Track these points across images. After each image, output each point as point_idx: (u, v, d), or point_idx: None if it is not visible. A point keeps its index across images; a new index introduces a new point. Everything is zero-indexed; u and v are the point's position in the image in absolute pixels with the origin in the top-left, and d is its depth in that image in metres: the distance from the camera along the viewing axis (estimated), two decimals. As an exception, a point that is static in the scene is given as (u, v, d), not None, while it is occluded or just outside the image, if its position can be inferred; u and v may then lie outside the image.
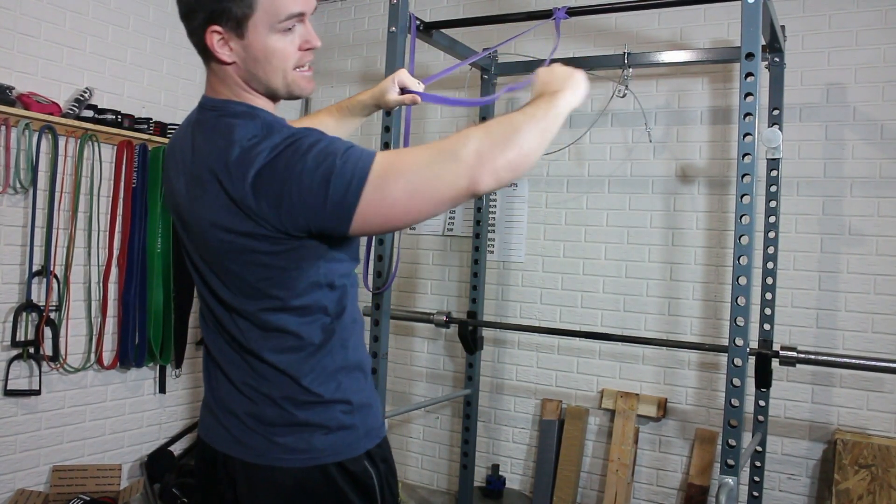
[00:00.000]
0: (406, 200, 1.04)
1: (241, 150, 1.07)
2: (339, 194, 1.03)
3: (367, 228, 1.06)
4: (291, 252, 1.10)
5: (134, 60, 3.16)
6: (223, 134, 1.12)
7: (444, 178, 1.03)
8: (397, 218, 1.06)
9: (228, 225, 1.09)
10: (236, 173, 1.06)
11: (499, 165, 1.04)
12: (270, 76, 1.15)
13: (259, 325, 1.16)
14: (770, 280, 2.67)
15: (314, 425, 1.18)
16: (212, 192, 1.10)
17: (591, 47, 3.23)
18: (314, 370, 1.18)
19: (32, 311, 2.78)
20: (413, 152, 1.08)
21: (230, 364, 1.21)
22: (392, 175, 1.03)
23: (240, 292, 1.15)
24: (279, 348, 1.17)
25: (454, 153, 1.04)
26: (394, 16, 2.43)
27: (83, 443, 3.02)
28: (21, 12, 2.75)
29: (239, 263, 1.12)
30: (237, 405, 1.21)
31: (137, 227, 3.06)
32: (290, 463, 1.16)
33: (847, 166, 2.77)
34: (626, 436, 3.03)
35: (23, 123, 2.69)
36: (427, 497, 3.48)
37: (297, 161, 1.04)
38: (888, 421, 2.67)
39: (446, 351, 3.55)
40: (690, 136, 3.04)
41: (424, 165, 1.05)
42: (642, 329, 3.09)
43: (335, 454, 1.18)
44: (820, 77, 2.81)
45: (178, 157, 1.22)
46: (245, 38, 1.12)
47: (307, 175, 1.03)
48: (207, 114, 1.18)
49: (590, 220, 3.22)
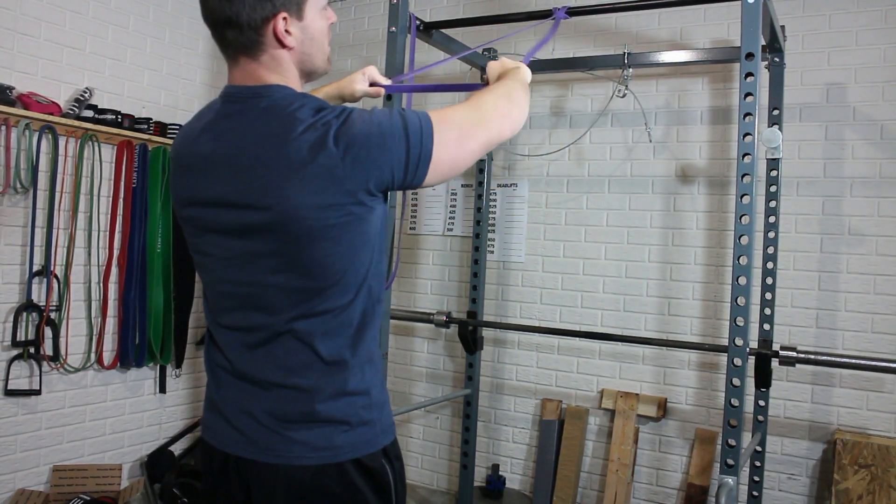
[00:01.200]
0: (461, 144, 1.19)
1: (313, 123, 1.11)
2: (416, 140, 1.13)
3: (437, 173, 1.17)
4: (362, 222, 1.14)
5: (134, 60, 3.16)
6: (285, 115, 1.13)
7: (483, 125, 1.23)
8: (459, 159, 1.19)
9: (322, 201, 1.09)
10: (316, 146, 1.09)
11: (514, 118, 1.29)
12: (318, 55, 1.24)
13: (311, 309, 1.15)
14: (770, 280, 2.67)
15: (336, 421, 1.17)
16: (285, 173, 1.09)
17: (591, 47, 3.23)
18: (353, 356, 1.19)
19: (33, 311, 2.78)
20: (451, 109, 1.23)
21: (251, 360, 1.19)
22: (445, 123, 1.18)
23: (303, 273, 1.14)
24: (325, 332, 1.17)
25: (482, 109, 1.25)
26: (394, 16, 2.43)
27: (83, 443, 3.02)
28: (21, 12, 2.75)
29: (325, 240, 1.12)
30: (252, 403, 1.19)
31: (137, 227, 3.07)
32: (313, 461, 1.16)
33: (847, 166, 2.77)
34: (626, 436, 3.03)
35: (23, 123, 2.69)
36: (427, 497, 3.48)
37: (370, 120, 1.12)
38: (888, 421, 2.67)
39: (446, 351, 3.55)
40: (690, 136, 3.04)
41: (465, 117, 1.22)
42: (642, 329, 3.09)
43: (354, 451, 1.18)
44: (820, 77, 2.81)
45: (207, 158, 1.19)
46: (304, 19, 1.19)
47: (385, 128, 1.12)
48: (253, 101, 1.17)
49: (590, 220, 3.22)
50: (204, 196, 1.19)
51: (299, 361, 1.16)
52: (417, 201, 3.61)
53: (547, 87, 3.34)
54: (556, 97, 3.31)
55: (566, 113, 3.29)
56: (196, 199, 1.20)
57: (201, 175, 1.19)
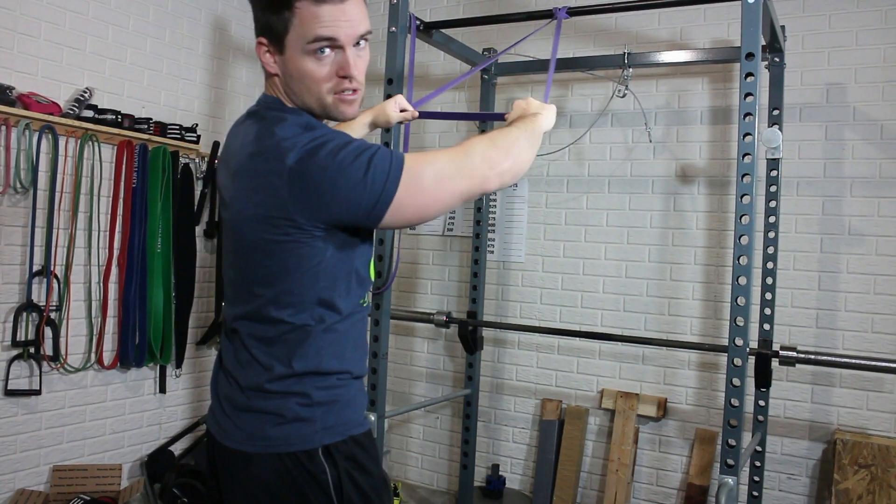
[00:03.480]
0: (434, 191, 1.17)
1: (281, 140, 1.14)
2: (378, 182, 1.12)
3: (400, 217, 1.16)
4: (303, 247, 1.16)
5: (134, 60, 3.16)
6: (268, 126, 1.18)
7: (463, 174, 1.19)
8: (426, 207, 1.18)
9: (261, 213, 1.15)
10: (275, 162, 1.12)
11: (503, 170, 1.23)
12: (304, 95, 1.22)
13: (257, 314, 1.23)
14: (770, 280, 2.67)
15: (270, 412, 1.23)
16: (250, 181, 1.16)
17: (591, 47, 3.23)
18: (289, 366, 1.23)
19: (33, 311, 2.78)
20: (434, 154, 1.21)
21: (224, 348, 1.32)
22: (421, 169, 1.16)
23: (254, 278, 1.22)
24: (261, 338, 1.24)
25: (468, 157, 1.21)
26: (394, 16, 2.43)
27: (83, 443, 3.02)
28: (21, 12, 2.75)
29: (259, 251, 1.18)
30: (221, 389, 1.31)
31: (137, 227, 3.06)
32: (253, 448, 1.22)
33: (847, 166, 2.77)
34: (626, 436, 3.03)
35: (23, 123, 2.69)
36: (427, 497, 3.48)
37: (334, 156, 1.11)
38: (888, 421, 2.67)
39: (446, 351, 3.55)
40: (690, 136, 3.04)
41: (446, 164, 1.19)
42: (642, 329, 3.09)
43: (287, 444, 1.22)
44: (820, 77, 2.81)
45: (230, 149, 1.28)
46: (284, 53, 1.19)
47: (345, 168, 1.11)
48: (259, 107, 1.27)
49: (590, 220, 3.22)
50: (223, 194, 1.31)
51: (244, 358, 1.25)
52: (417, 201, 3.61)
53: (547, 87, 3.33)
54: (556, 97, 3.31)
55: (566, 113, 3.29)
56: (222, 196, 1.32)
57: (222, 166, 1.31)
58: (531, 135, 1.34)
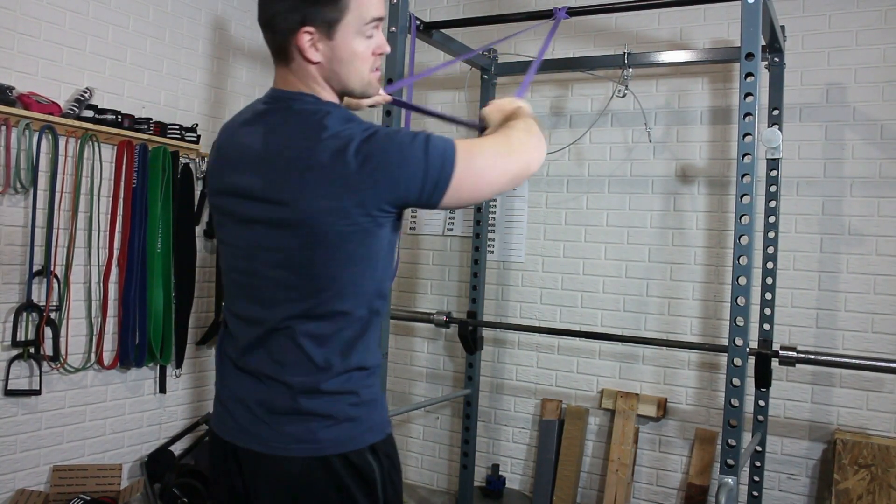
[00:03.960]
0: (488, 172, 1.21)
1: (340, 131, 1.15)
2: (437, 163, 1.15)
3: (456, 198, 1.19)
4: (368, 235, 1.17)
5: (134, 60, 3.16)
6: (318, 119, 1.18)
7: (512, 157, 1.25)
8: (482, 188, 1.22)
9: (333, 205, 1.13)
10: (340, 153, 1.13)
11: (540, 153, 1.32)
12: (351, 76, 1.25)
13: (315, 311, 1.19)
14: (770, 280, 2.67)
15: (321, 416, 1.20)
16: (313, 175, 1.13)
17: (591, 47, 3.23)
18: (342, 362, 1.21)
19: (33, 311, 2.78)
20: (481, 139, 1.27)
21: (248, 352, 1.24)
22: (473, 152, 1.20)
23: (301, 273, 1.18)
24: (316, 336, 1.20)
25: (510, 142, 1.27)
26: (394, 16, 2.43)
27: (83, 443, 3.02)
28: (21, 12, 2.75)
29: (328, 244, 1.16)
30: (248, 393, 1.24)
31: (137, 227, 3.06)
32: (299, 453, 1.19)
33: (847, 166, 2.77)
34: (626, 436, 3.03)
35: (23, 123, 2.69)
36: (427, 497, 3.48)
37: (393, 137, 1.15)
38: (888, 421, 2.67)
39: (446, 351, 3.55)
40: (690, 136, 3.04)
41: (495, 148, 1.25)
42: (642, 329, 3.09)
43: (339, 446, 1.20)
44: (820, 77, 2.81)
45: (240, 150, 1.24)
46: (334, 39, 1.21)
47: (406, 147, 1.14)
48: (287, 102, 1.23)
49: (590, 220, 3.22)
50: (230, 186, 1.24)
51: (290, 359, 1.20)
52: (417, 201, 3.61)
53: (547, 87, 3.34)
54: (556, 97, 3.32)
55: (566, 113, 3.29)
56: (223, 189, 1.26)
57: (232, 166, 1.25)
58: (535, 119, 1.42)
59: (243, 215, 1.22)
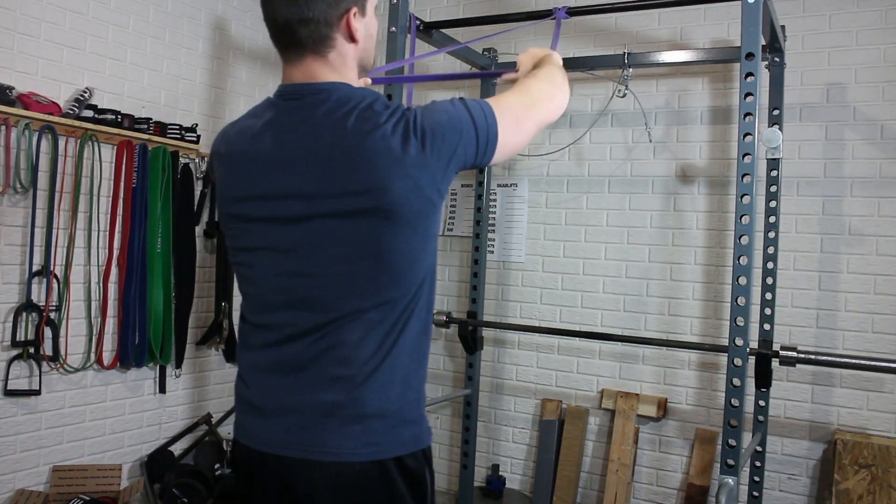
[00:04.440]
0: (520, 125, 1.27)
1: (391, 114, 1.16)
2: (482, 123, 1.19)
3: (501, 153, 1.24)
4: (436, 212, 1.19)
5: (134, 60, 3.16)
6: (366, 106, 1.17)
7: (537, 107, 1.31)
8: (518, 141, 1.27)
9: (399, 188, 1.12)
10: (402, 136, 1.13)
11: (559, 101, 1.38)
12: (373, 50, 1.31)
13: (379, 299, 1.15)
14: (770, 280, 2.67)
15: (386, 416, 1.16)
16: (374, 160, 1.12)
17: (591, 47, 3.23)
18: (411, 349, 1.19)
19: (32, 311, 2.77)
20: (504, 96, 1.30)
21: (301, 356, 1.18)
22: (503, 108, 1.24)
23: (377, 261, 1.14)
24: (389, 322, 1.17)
25: (532, 94, 1.33)
26: (394, 16, 2.43)
27: (83, 443, 3.02)
28: (21, 12, 2.75)
29: (395, 228, 1.14)
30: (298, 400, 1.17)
31: (137, 227, 3.06)
32: (353, 457, 1.14)
33: (847, 166, 2.77)
34: (626, 436, 3.03)
35: (23, 123, 2.69)
36: (427, 497, 3.48)
37: (438, 109, 1.19)
38: (888, 421, 2.67)
39: (446, 351, 3.55)
40: (690, 136, 3.04)
41: (518, 101, 1.30)
42: (642, 329, 3.09)
43: (398, 448, 1.17)
44: (820, 77, 2.81)
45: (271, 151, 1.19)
46: (366, 15, 1.25)
47: (453, 115, 1.18)
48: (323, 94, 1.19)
49: (590, 220, 3.22)
50: (266, 190, 1.19)
51: (358, 354, 1.15)
52: (417, 201, 3.61)
53: (547, 87, 3.33)
54: (556, 97, 3.31)
55: (566, 113, 3.28)
56: (253, 195, 1.20)
57: (263, 170, 1.19)
58: (562, 71, 1.46)
59: (293, 215, 1.16)
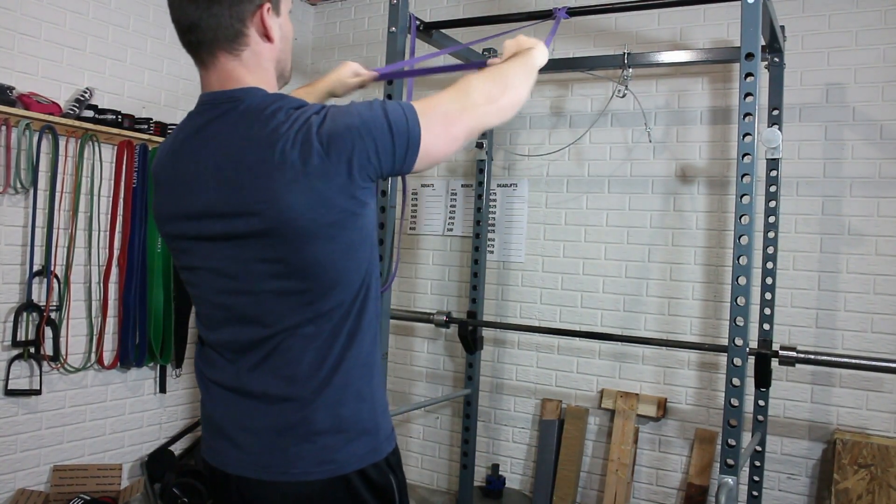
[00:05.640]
0: (447, 130, 1.15)
1: (293, 122, 1.07)
2: (401, 127, 1.10)
3: (425, 159, 1.14)
4: (357, 218, 1.10)
5: (134, 60, 3.16)
6: (265, 117, 1.09)
7: (468, 111, 1.18)
8: (442, 148, 1.15)
9: (303, 200, 1.05)
10: (302, 145, 1.05)
11: (502, 105, 1.23)
12: (289, 56, 1.22)
13: (314, 313, 1.11)
14: (770, 280, 2.67)
15: (340, 431, 1.13)
16: (273, 175, 1.05)
17: (591, 47, 3.23)
18: (356, 358, 1.15)
19: (33, 310, 2.78)
20: (436, 96, 1.18)
21: (249, 375, 1.15)
22: (430, 111, 1.14)
23: (302, 277, 1.09)
24: (327, 335, 1.12)
25: (468, 95, 1.19)
26: (394, 16, 2.43)
27: (83, 442, 3.02)
28: (21, 12, 2.75)
29: (308, 242, 1.07)
30: (255, 419, 1.14)
31: (137, 227, 3.07)
32: (313, 476, 1.12)
33: (847, 166, 2.77)
34: (626, 436, 3.03)
35: (23, 123, 2.69)
36: (427, 497, 3.48)
37: (350, 111, 1.09)
38: (888, 421, 2.67)
39: (446, 351, 3.55)
40: (690, 136, 3.05)
41: (450, 103, 1.17)
42: (642, 329, 3.09)
43: (358, 461, 1.14)
44: (820, 77, 2.81)
45: (193, 169, 1.14)
46: (280, 15, 1.17)
47: (366, 118, 1.08)
48: (230, 104, 1.14)
49: (590, 220, 3.22)
50: (189, 209, 1.14)
51: (300, 370, 1.12)
52: (417, 201, 3.61)
53: (547, 87, 3.34)
54: (556, 97, 3.32)
55: (566, 113, 3.29)
56: (180, 214, 1.16)
57: (185, 188, 1.15)
58: (527, 69, 1.33)
59: (219, 234, 1.11)
